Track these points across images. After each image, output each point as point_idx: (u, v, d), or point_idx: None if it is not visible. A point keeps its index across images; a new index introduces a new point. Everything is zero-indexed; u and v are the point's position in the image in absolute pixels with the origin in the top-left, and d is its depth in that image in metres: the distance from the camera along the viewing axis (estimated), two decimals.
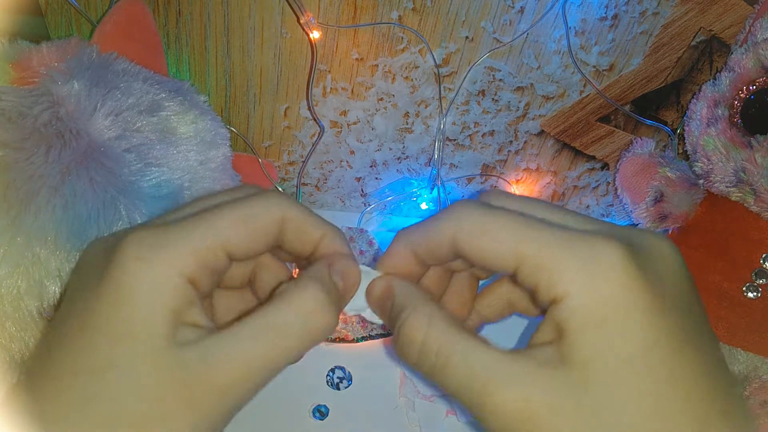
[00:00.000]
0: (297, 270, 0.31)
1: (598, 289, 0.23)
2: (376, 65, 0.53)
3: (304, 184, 0.62)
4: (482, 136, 0.58)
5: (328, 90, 0.54)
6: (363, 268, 0.29)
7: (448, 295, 0.32)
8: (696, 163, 0.51)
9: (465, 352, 0.24)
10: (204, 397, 0.23)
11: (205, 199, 0.28)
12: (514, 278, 0.26)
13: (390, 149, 0.59)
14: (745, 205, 0.48)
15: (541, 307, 0.25)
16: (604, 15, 0.51)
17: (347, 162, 0.60)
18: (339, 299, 0.27)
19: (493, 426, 0.23)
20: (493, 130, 0.58)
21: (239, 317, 0.25)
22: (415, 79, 0.54)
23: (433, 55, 0.52)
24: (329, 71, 0.53)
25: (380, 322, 0.30)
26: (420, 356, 0.25)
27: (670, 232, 0.56)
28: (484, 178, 0.62)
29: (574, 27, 0.51)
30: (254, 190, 0.28)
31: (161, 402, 0.23)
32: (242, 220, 0.26)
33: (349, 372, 0.51)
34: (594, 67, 0.54)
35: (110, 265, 0.24)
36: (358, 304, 0.29)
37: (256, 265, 0.31)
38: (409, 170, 0.61)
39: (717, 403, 0.23)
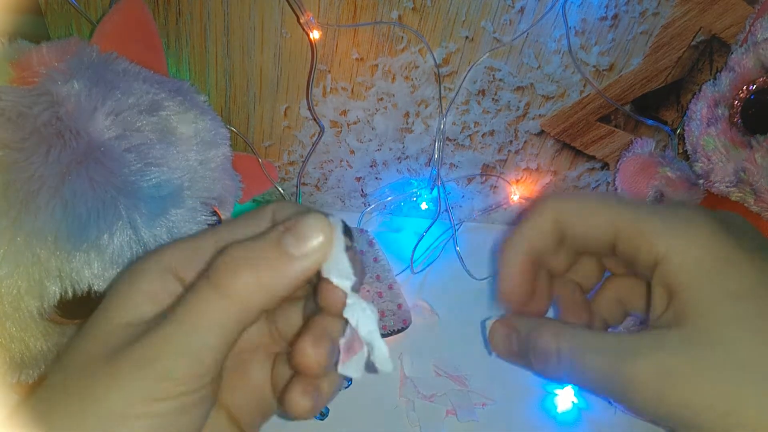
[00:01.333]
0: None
1: (697, 242, 0.25)
2: (376, 65, 0.53)
3: (304, 184, 0.62)
4: (482, 136, 0.58)
5: (328, 90, 0.54)
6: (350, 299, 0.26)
7: (563, 311, 0.34)
8: (696, 163, 0.51)
9: (595, 343, 0.26)
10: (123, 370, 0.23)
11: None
12: (613, 252, 0.28)
13: (390, 149, 0.59)
14: (745, 205, 0.48)
15: (643, 276, 0.27)
16: (604, 15, 0.51)
17: (347, 162, 0.60)
18: (281, 260, 0.24)
19: (641, 401, 0.24)
20: (493, 130, 0.58)
21: None
22: (415, 78, 0.54)
23: (433, 55, 0.52)
24: (329, 71, 0.53)
25: (349, 282, 0.25)
26: (559, 363, 0.27)
27: None
28: (484, 178, 0.62)
29: (574, 27, 0.51)
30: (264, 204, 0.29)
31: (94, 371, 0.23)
32: (244, 225, 0.26)
33: None
34: (594, 67, 0.54)
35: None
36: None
37: None
38: (409, 170, 0.61)
39: None
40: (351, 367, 0.27)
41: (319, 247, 0.24)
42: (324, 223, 0.24)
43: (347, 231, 0.25)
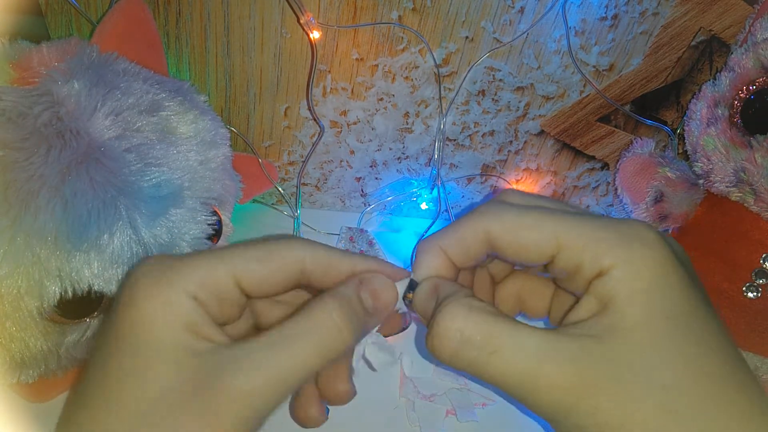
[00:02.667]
0: None
1: (643, 260, 0.24)
2: (376, 65, 0.53)
3: (304, 184, 0.62)
4: (482, 136, 0.58)
5: (328, 90, 0.54)
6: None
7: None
8: (696, 163, 0.51)
9: (514, 335, 0.24)
10: (221, 404, 0.23)
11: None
12: (546, 267, 0.27)
13: (390, 149, 0.59)
14: (745, 205, 0.48)
15: (576, 288, 0.26)
16: (604, 15, 0.51)
17: (347, 162, 0.60)
18: (364, 317, 0.27)
19: (547, 406, 0.24)
20: (493, 130, 0.58)
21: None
22: (415, 79, 0.54)
23: (433, 55, 0.52)
24: (329, 71, 0.53)
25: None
26: (460, 346, 0.25)
27: (670, 232, 0.56)
28: (484, 178, 0.62)
29: (574, 27, 0.51)
30: (279, 236, 0.29)
31: (180, 406, 0.23)
32: (256, 257, 0.27)
33: None
34: (594, 67, 0.54)
35: (126, 292, 0.25)
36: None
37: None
38: (409, 170, 0.61)
39: (742, 361, 0.25)
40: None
41: (390, 307, 0.28)
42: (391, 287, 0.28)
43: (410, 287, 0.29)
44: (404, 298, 0.29)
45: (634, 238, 0.25)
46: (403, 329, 0.55)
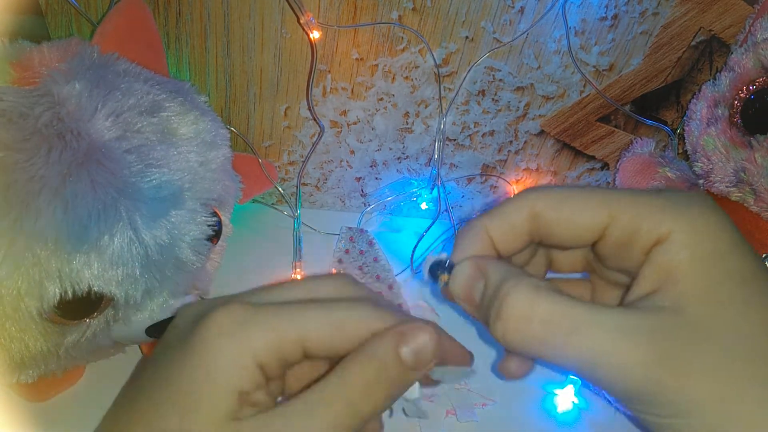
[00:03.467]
0: None
1: (704, 223, 0.24)
2: (376, 65, 0.53)
3: (304, 184, 0.62)
4: (482, 136, 0.58)
5: (328, 90, 0.54)
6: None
7: None
8: (696, 163, 0.51)
9: (592, 313, 0.23)
10: None
11: (299, 284, 0.28)
12: (593, 247, 0.26)
13: (390, 149, 0.59)
14: (745, 205, 0.48)
15: (630, 263, 0.25)
16: (604, 15, 0.51)
17: (347, 162, 0.60)
18: (399, 377, 0.26)
19: (632, 385, 0.23)
20: (493, 130, 0.58)
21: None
22: (415, 79, 0.54)
23: (433, 55, 0.52)
24: (329, 71, 0.53)
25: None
26: (536, 329, 0.23)
27: None
28: (484, 178, 0.62)
29: (574, 27, 0.51)
30: (350, 290, 0.28)
31: None
32: (330, 324, 0.26)
33: None
34: (594, 67, 0.54)
35: (195, 336, 0.25)
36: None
37: None
38: (409, 170, 0.61)
39: None
40: None
41: (430, 363, 0.26)
42: (434, 338, 0.26)
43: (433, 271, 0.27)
44: (436, 279, 0.27)
45: (691, 202, 0.24)
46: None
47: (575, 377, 0.52)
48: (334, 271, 0.58)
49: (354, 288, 0.29)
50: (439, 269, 0.27)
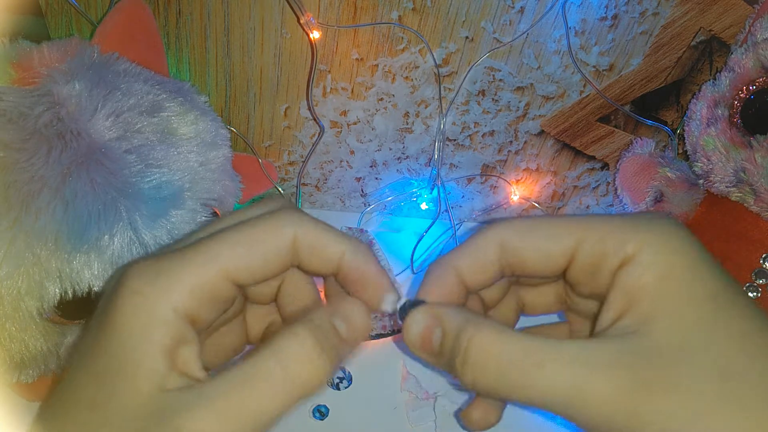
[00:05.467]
0: (324, 287, 0.30)
1: (669, 241, 0.24)
2: (376, 65, 0.53)
3: (304, 184, 0.62)
4: (482, 136, 0.58)
5: (328, 90, 0.54)
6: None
7: None
8: (696, 163, 0.51)
9: (555, 348, 0.23)
10: None
11: (214, 223, 0.26)
12: (564, 275, 0.26)
13: (390, 149, 0.59)
14: (745, 205, 0.48)
15: (599, 287, 0.25)
16: (604, 15, 0.51)
17: (347, 162, 0.60)
18: (338, 346, 0.24)
19: (602, 419, 0.22)
20: (493, 130, 0.58)
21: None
22: (415, 79, 0.54)
23: (433, 55, 0.52)
24: (329, 71, 0.53)
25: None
26: (502, 371, 0.23)
27: None
28: (484, 178, 0.62)
29: (574, 27, 0.51)
30: (261, 209, 0.26)
31: None
32: (247, 245, 0.24)
33: (348, 372, 0.51)
34: (594, 67, 0.54)
35: (113, 297, 0.23)
36: None
37: (281, 277, 0.29)
38: (409, 170, 0.61)
39: None
40: None
41: (364, 333, 0.26)
42: (363, 311, 0.26)
43: (403, 314, 0.26)
44: (401, 317, 0.27)
45: (657, 223, 0.24)
46: (395, 332, 0.54)
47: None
48: None
49: (275, 203, 0.27)
50: (409, 310, 0.26)
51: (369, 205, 0.64)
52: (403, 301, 0.27)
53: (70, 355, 0.26)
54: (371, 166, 0.61)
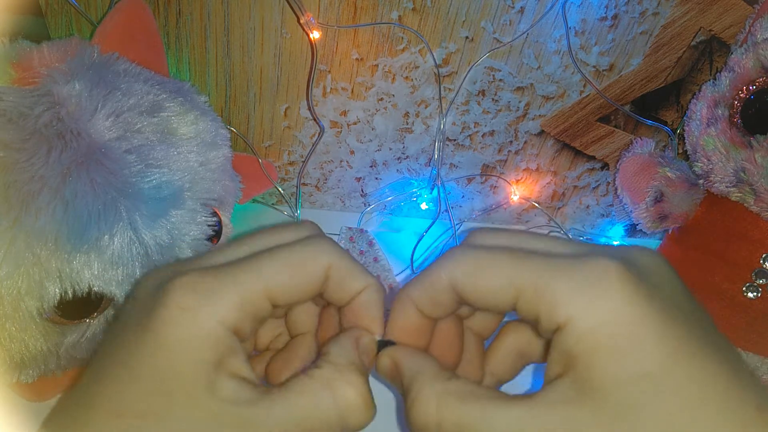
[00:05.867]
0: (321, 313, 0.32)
1: (602, 308, 0.22)
2: (376, 65, 0.53)
3: (304, 184, 0.62)
4: (482, 136, 0.58)
5: (328, 90, 0.54)
6: None
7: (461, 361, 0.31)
8: (696, 163, 0.51)
9: (488, 416, 0.23)
10: None
11: (254, 238, 0.28)
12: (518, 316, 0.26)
13: (390, 149, 0.59)
14: (745, 205, 0.48)
15: (545, 338, 0.25)
16: (604, 15, 0.51)
17: (347, 162, 0.60)
18: (363, 376, 0.27)
19: None
20: (493, 130, 0.58)
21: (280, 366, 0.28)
22: (415, 79, 0.54)
23: (433, 55, 0.52)
24: (329, 71, 0.53)
25: None
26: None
27: (670, 232, 0.56)
28: (484, 178, 0.62)
29: (574, 27, 0.51)
30: (303, 232, 0.28)
31: None
32: (289, 269, 0.26)
33: None
34: (594, 67, 0.54)
35: (155, 311, 0.24)
36: None
37: None
38: (409, 170, 0.61)
39: (750, 399, 0.22)
40: None
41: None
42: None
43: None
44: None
45: (594, 283, 0.22)
46: None
47: None
48: None
49: (308, 228, 0.29)
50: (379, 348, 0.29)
51: (369, 205, 0.64)
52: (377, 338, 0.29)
53: (93, 362, 0.27)
54: (371, 166, 0.61)
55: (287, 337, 0.32)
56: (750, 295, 0.47)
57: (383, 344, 0.28)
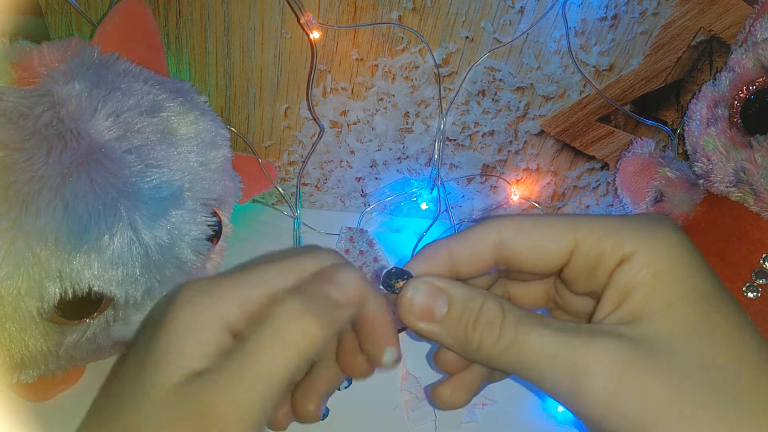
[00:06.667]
0: None
1: (665, 243, 0.25)
2: (376, 65, 0.53)
3: (304, 184, 0.62)
4: (482, 136, 0.59)
5: (328, 90, 0.54)
6: None
7: None
8: (696, 163, 0.51)
9: (545, 320, 0.25)
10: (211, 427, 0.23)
11: (268, 256, 0.29)
12: (559, 273, 0.27)
13: (390, 149, 0.59)
14: (745, 205, 0.48)
15: (595, 285, 0.26)
16: (604, 15, 0.51)
17: (347, 162, 0.60)
18: (330, 308, 0.26)
19: (590, 395, 0.23)
20: (493, 130, 0.58)
21: None
22: (415, 79, 0.54)
23: (433, 55, 0.52)
24: (329, 71, 0.53)
25: None
26: (500, 336, 0.25)
27: None
28: (484, 178, 0.62)
29: (574, 27, 0.51)
30: (309, 248, 0.29)
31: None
32: (294, 273, 0.27)
33: None
34: (594, 67, 0.54)
35: (168, 308, 0.26)
36: None
37: None
38: (409, 170, 0.61)
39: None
40: None
41: (359, 296, 0.27)
42: (358, 277, 0.27)
43: (387, 280, 0.28)
44: (389, 288, 0.27)
45: (652, 223, 0.25)
46: (403, 329, 0.55)
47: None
48: None
49: (317, 252, 0.29)
50: (393, 278, 0.27)
51: (369, 205, 0.64)
52: (389, 268, 0.28)
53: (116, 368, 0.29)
54: (371, 166, 0.61)
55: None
56: (750, 295, 0.47)
57: (400, 274, 0.27)
